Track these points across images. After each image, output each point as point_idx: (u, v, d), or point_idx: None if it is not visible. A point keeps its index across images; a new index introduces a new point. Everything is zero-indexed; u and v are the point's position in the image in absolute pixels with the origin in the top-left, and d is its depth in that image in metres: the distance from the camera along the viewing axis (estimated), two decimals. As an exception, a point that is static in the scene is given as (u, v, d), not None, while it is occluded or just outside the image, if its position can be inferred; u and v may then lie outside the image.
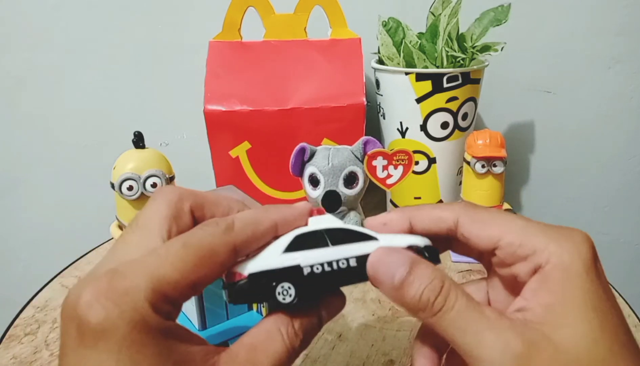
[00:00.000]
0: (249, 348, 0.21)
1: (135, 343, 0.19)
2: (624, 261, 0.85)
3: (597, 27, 0.73)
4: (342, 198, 0.53)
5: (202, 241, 0.21)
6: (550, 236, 0.22)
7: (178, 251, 0.21)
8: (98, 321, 0.19)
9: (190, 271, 0.21)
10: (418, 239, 0.25)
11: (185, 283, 0.20)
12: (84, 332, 0.19)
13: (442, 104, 0.60)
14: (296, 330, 0.22)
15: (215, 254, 0.21)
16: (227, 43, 0.63)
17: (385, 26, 0.63)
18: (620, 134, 0.78)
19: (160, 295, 0.20)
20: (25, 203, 0.85)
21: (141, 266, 0.20)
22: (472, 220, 0.24)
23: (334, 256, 0.23)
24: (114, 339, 0.18)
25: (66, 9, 0.75)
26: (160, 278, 0.20)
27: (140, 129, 0.55)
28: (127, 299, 0.19)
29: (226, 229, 0.22)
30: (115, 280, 0.19)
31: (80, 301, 0.19)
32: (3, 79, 0.78)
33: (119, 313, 0.19)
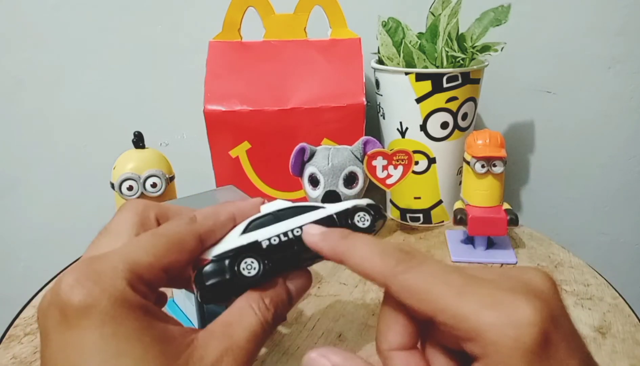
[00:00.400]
0: (224, 325, 0.23)
1: (117, 317, 0.20)
2: (624, 261, 0.85)
3: (597, 27, 0.73)
4: (342, 197, 0.53)
5: (170, 231, 0.24)
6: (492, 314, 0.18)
7: (149, 239, 0.23)
8: (80, 300, 0.20)
9: (162, 255, 0.23)
10: (362, 201, 0.28)
11: (158, 266, 0.22)
12: (67, 313, 0.20)
13: (442, 104, 0.60)
14: (267, 304, 0.24)
15: (183, 242, 0.24)
16: (227, 43, 0.63)
17: (385, 26, 0.63)
18: (620, 134, 0.78)
19: (136, 276, 0.21)
20: (25, 203, 0.85)
21: (117, 253, 0.22)
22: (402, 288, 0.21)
23: (287, 228, 0.26)
24: (96, 315, 0.19)
25: (66, 9, 0.75)
26: (136, 261, 0.22)
27: (140, 129, 0.55)
28: (106, 278, 0.20)
29: (190, 221, 0.25)
30: (94, 264, 0.21)
31: (61, 286, 0.20)
32: (3, 79, 0.78)
33: (100, 291, 0.20)
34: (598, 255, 0.83)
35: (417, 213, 0.67)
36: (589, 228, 0.83)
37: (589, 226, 0.83)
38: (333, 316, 0.48)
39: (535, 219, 0.82)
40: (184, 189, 0.56)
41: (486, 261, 0.56)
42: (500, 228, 0.54)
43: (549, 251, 0.59)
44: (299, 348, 0.43)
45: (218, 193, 0.48)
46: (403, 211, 0.67)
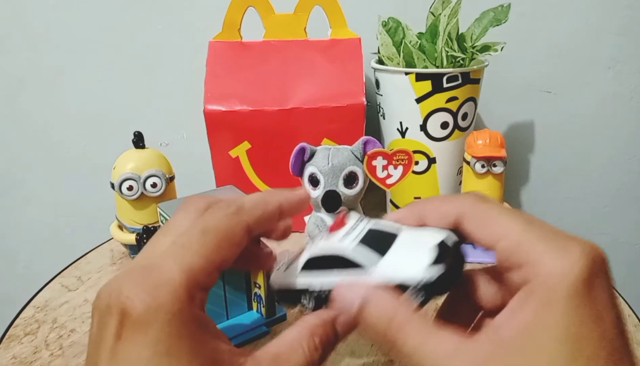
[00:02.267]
0: (272, 357, 0.22)
1: (172, 335, 0.19)
2: (624, 261, 0.85)
3: (597, 27, 0.73)
4: (341, 197, 0.53)
5: (219, 225, 0.23)
6: (548, 246, 0.20)
7: (199, 239, 0.22)
8: (139, 313, 0.19)
9: (214, 254, 0.22)
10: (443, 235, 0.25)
11: (212, 267, 0.22)
12: (124, 324, 0.19)
13: (442, 104, 0.60)
14: (316, 345, 0.24)
15: (232, 236, 0.23)
16: (227, 43, 0.63)
17: (385, 26, 0.63)
18: (620, 134, 0.78)
19: (193, 283, 0.21)
20: (25, 203, 0.85)
21: (170, 259, 0.21)
22: (476, 216, 0.23)
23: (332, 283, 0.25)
24: (152, 331, 0.19)
25: (66, 9, 0.75)
26: (191, 267, 0.21)
27: (140, 129, 0.55)
28: (164, 291, 0.20)
29: (237, 210, 0.24)
30: (150, 273, 0.20)
31: (120, 296, 0.20)
32: (3, 79, 0.78)
33: (158, 305, 0.19)
34: (598, 255, 0.83)
35: (417, 213, 0.67)
36: (589, 228, 0.83)
37: (589, 226, 0.83)
38: (333, 316, 0.47)
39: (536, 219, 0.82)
40: (184, 189, 0.56)
41: (486, 261, 0.56)
42: (500, 228, 0.54)
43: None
44: (299, 348, 0.43)
45: (218, 193, 0.48)
46: (403, 211, 0.67)
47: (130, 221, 0.56)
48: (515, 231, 0.21)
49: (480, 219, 0.23)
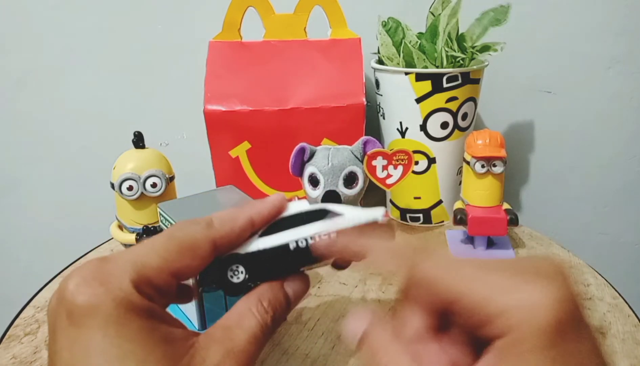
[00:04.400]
0: (224, 328, 0.24)
1: (121, 319, 0.20)
2: (624, 261, 0.85)
3: (597, 27, 0.73)
4: (341, 197, 0.53)
5: (185, 234, 0.24)
6: (510, 297, 0.19)
7: (163, 242, 0.23)
8: (85, 300, 0.20)
9: (173, 259, 0.23)
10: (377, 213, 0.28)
11: (168, 270, 0.23)
12: (73, 313, 0.20)
13: (442, 104, 0.60)
14: (265, 307, 0.25)
15: (196, 247, 0.24)
16: (227, 43, 0.63)
17: (385, 26, 0.63)
18: (620, 134, 0.78)
19: (143, 278, 0.22)
20: (25, 203, 0.85)
21: (127, 254, 0.22)
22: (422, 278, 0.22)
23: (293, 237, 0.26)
24: (100, 315, 0.20)
25: (66, 9, 0.75)
26: (145, 264, 0.22)
27: (140, 129, 0.55)
28: (113, 279, 0.21)
29: (206, 226, 0.25)
30: (102, 265, 0.22)
31: (68, 285, 0.21)
32: (3, 79, 0.78)
33: (104, 292, 0.20)
34: (598, 255, 0.83)
35: (417, 213, 0.67)
36: (589, 228, 0.83)
37: (589, 226, 0.83)
38: (333, 316, 0.48)
39: (535, 219, 0.82)
40: (184, 189, 0.56)
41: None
42: (500, 228, 0.54)
43: (549, 251, 0.59)
44: (299, 348, 0.43)
45: (218, 193, 0.48)
46: (403, 211, 0.67)
47: (130, 221, 0.55)
48: (473, 286, 0.20)
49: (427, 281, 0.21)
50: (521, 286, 0.19)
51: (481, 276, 0.20)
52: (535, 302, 0.18)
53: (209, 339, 0.23)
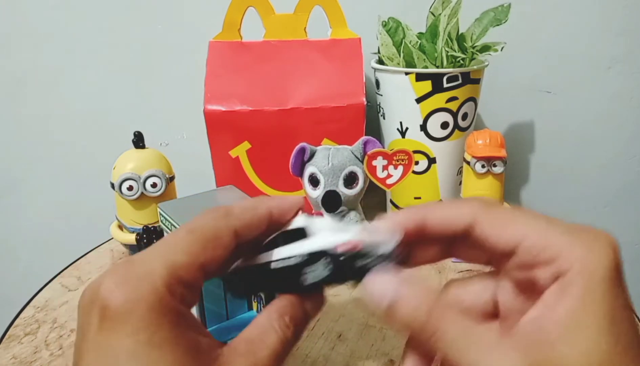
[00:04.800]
0: (247, 342, 0.23)
1: (153, 324, 0.20)
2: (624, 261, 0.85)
3: (597, 27, 0.73)
4: (342, 197, 0.53)
5: (205, 226, 0.23)
6: (575, 239, 0.21)
7: (185, 237, 0.23)
8: (118, 305, 0.20)
9: (198, 253, 0.22)
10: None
11: (195, 265, 0.22)
12: (104, 317, 0.20)
13: (442, 104, 0.60)
14: (287, 323, 0.25)
15: (218, 237, 0.23)
16: (227, 43, 0.63)
17: (385, 26, 0.63)
18: (620, 134, 0.78)
19: (174, 278, 0.21)
20: (25, 203, 0.85)
21: (154, 254, 0.22)
22: (491, 219, 0.23)
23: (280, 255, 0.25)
24: (132, 321, 0.20)
25: (66, 9, 0.75)
26: (174, 262, 0.22)
27: (140, 129, 0.55)
28: (144, 283, 0.20)
29: (225, 214, 0.24)
30: (132, 267, 0.21)
31: (100, 289, 0.20)
32: (3, 79, 0.78)
33: (137, 296, 0.20)
34: (598, 255, 0.83)
35: (417, 213, 0.67)
36: (589, 228, 0.83)
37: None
38: (333, 316, 0.48)
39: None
40: (184, 189, 0.56)
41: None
42: (500, 228, 0.54)
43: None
44: (299, 348, 0.43)
45: (218, 193, 0.48)
46: (403, 211, 0.67)
47: (130, 221, 0.56)
48: (537, 230, 0.21)
49: (496, 222, 0.23)
50: (584, 234, 0.21)
51: (552, 221, 0.22)
52: (600, 243, 0.21)
53: (233, 352, 0.23)
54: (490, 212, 0.23)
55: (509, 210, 0.23)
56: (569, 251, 0.20)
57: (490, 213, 0.23)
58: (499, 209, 0.23)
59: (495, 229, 0.22)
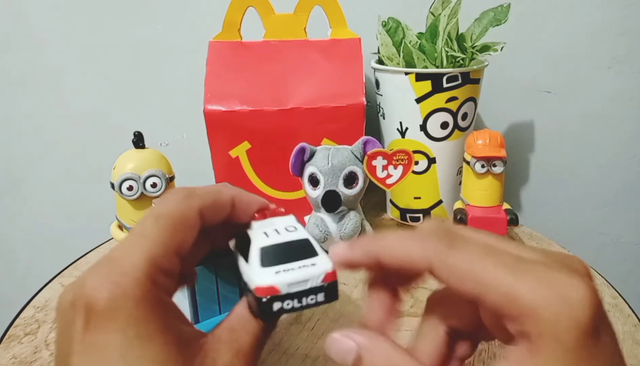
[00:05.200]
0: (229, 330, 0.24)
1: (141, 319, 0.20)
2: (624, 261, 0.85)
3: (597, 27, 0.73)
4: (341, 197, 0.53)
5: (170, 210, 0.24)
6: (544, 294, 0.18)
7: (153, 226, 0.23)
8: (104, 302, 0.20)
9: (169, 239, 0.23)
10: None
11: (170, 251, 0.23)
12: (90, 315, 0.20)
13: (442, 104, 0.60)
14: None
15: (185, 219, 0.24)
16: (227, 43, 0.63)
17: (385, 26, 0.63)
18: (620, 134, 0.78)
19: (155, 269, 0.21)
20: (25, 203, 0.85)
21: (131, 248, 0.22)
22: (447, 267, 0.20)
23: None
24: (120, 318, 0.20)
25: (66, 9, 0.75)
26: (152, 253, 0.22)
27: (140, 129, 0.55)
28: (128, 278, 0.20)
29: (188, 195, 0.25)
30: (113, 264, 0.21)
31: (84, 288, 0.20)
32: (3, 79, 0.78)
33: (123, 292, 0.20)
34: (598, 255, 0.83)
35: (417, 213, 0.67)
36: (589, 228, 0.83)
37: (589, 226, 0.83)
38: (333, 316, 0.48)
39: (535, 219, 0.82)
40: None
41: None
42: (500, 228, 0.54)
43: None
44: (299, 348, 0.43)
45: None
46: (403, 211, 0.67)
47: (130, 221, 0.55)
48: (500, 284, 0.19)
49: (453, 272, 0.20)
50: (556, 281, 0.18)
51: (520, 268, 0.19)
52: (571, 298, 0.18)
53: (217, 340, 0.23)
54: (446, 258, 0.20)
55: (467, 253, 0.20)
56: (537, 313, 0.18)
57: (446, 259, 0.20)
58: (457, 253, 0.20)
59: (453, 279, 0.20)
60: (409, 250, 0.22)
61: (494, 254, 0.20)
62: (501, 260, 0.19)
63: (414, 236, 0.22)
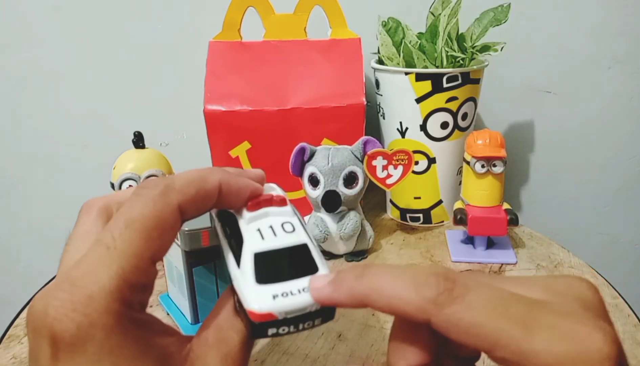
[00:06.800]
0: (216, 329, 0.22)
1: (115, 348, 0.18)
2: (624, 261, 0.85)
3: (597, 27, 0.73)
4: (341, 197, 0.53)
5: (144, 212, 0.20)
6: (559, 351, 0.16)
7: (124, 235, 0.19)
8: (70, 335, 0.17)
9: (144, 249, 0.19)
10: None
11: (144, 263, 0.20)
12: (57, 348, 0.18)
13: (442, 104, 0.60)
14: None
15: (161, 222, 0.20)
16: (227, 43, 0.63)
17: (385, 26, 0.63)
18: (620, 134, 0.78)
19: (126, 287, 0.19)
20: (25, 203, 0.85)
21: (96, 265, 0.19)
22: (447, 320, 0.18)
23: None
24: (91, 349, 0.18)
25: (66, 9, 0.75)
26: (120, 271, 0.19)
27: (140, 129, 0.55)
28: (95, 304, 0.18)
29: (165, 189, 0.21)
30: (76, 289, 0.18)
31: (47, 319, 0.18)
32: (3, 79, 0.78)
33: (90, 323, 0.18)
34: (598, 255, 0.83)
35: (417, 213, 0.67)
36: (589, 228, 0.83)
37: (589, 226, 0.83)
38: (333, 316, 0.48)
39: (535, 219, 0.82)
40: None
41: (486, 261, 0.56)
42: (500, 228, 0.54)
43: (549, 251, 0.59)
44: (299, 348, 0.43)
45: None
46: (403, 211, 0.67)
47: (130, 221, 0.55)
48: (513, 337, 0.17)
49: (456, 324, 0.18)
50: (573, 334, 0.17)
51: (531, 321, 0.17)
52: (590, 355, 0.16)
53: (204, 344, 0.21)
54: (447, 310, 0.18)
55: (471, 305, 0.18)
56: None
57: (447, 311, 0.18)
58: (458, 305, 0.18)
59: (455, 333, 0.18)
60: (403, 297, 0.19)
61: (501, 305, 0.17)
62: (509, 311, 0.17)
63: (407, 280, 0.19)
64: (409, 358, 0.20)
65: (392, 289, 0.19)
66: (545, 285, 0.19)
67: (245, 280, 0.22)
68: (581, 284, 0.19)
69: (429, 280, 0.18)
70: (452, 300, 0.18)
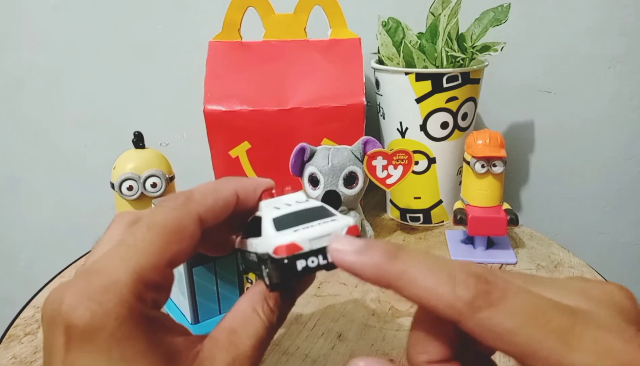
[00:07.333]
0: (229, 332, 0.22)
1: (125, 340, 0.19)
2: (624, 261, 0.85)
3: (597, 27, 0.73)
4: (342, 197, 0.53)
5: (166, 218, 0.21)
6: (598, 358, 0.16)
7: (145, 236, 0.21)
8: (84, 323, 0.18)
9: (163, 251, 0.20)
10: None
11: (162, 264, 0.20)
12: (72, 336, 0.18)
13: (442, 104, 0.60)
14: (271, 307, 0.23)
15: (181, 229, 0.21)
16: (227, 43, 0.63)
17: (385, 26, 0.63)
18: (620, 135, 0.78)
19: (141, 284, 0.19)
20: (25, 203, 0.85)
21: (116, 260, 0.20)
22: (482, 324, 0.17)
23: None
24: (102, 338, 0.18)
25: (66, 9, 0.75)
26: (138, 267, 0.20)
27: (140, 129, 0.55)
28: (110, 295, 0.19)
29: (186, 201, 0.22)
30: (94, 279, 0.19)
31: (62, 306, 0.18)
32: (3, 79, 0.78)
33: (104, 311, 0.18)
34: (598, 255, 0.83)
35: (417, 213, 0.67)
36: (589, 228, 0.83)
37: (589, 226, 0.83)
38: (333, 316, 0.48)
39: (535, 219, 0.82)
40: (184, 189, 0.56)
41: (486, 261, 0.56)
42: (500, 228, 0.54)
43: (549, 251, 0.59)
44: (299, 348, 0.43)
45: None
46: (403, 211, 0.67)
47: (130, 221, 0.55)
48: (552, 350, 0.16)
49: (491, 329, 0.17)
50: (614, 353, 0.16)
51: (570, 335, 0.16)
52: None
53: (214, 346, 0.21)
54: (483, 314, 0.17)
55: (508, 311, 0.17)
56: None
57: (483, 314, 0.17)
58: (496, 310, 0.17)
59: (489, 338, 0.17)
60: (437, 292, 0.18)
61: (542, 315, 0.17)
62: (551, 323, 0.17)
63: (444, 276, 0.18)
64: (431, 353, 0.20)
65: (425, 281, 0.18)
66: (583, 291, 0.18)
67: (265, 236, 0.22)
68: (620, 292, 0.18)
69: (468, 280, 0.18)
70: (489, 304, 0.17)
